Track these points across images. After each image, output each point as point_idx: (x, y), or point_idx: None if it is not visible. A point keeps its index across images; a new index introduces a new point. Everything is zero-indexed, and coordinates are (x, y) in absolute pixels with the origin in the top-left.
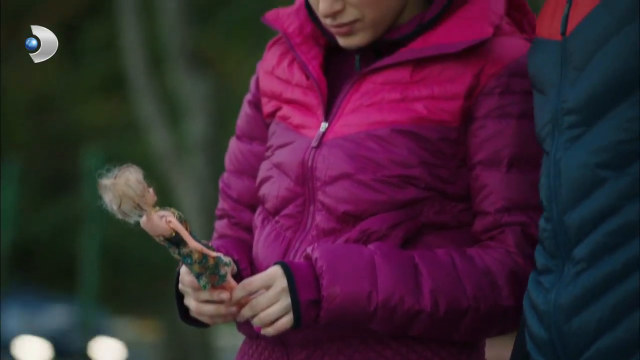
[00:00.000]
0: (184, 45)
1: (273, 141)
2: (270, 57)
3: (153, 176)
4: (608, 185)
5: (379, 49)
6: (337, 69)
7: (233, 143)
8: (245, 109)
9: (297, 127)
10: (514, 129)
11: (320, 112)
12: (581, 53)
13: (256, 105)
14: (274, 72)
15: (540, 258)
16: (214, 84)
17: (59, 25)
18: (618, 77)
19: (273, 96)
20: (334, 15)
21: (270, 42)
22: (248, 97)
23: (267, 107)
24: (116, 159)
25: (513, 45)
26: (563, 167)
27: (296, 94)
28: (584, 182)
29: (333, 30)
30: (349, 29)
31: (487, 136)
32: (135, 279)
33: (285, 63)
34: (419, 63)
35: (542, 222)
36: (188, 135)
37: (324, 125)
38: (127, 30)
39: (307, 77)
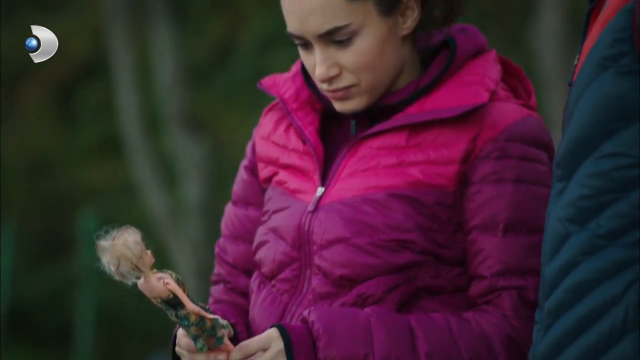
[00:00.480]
0: (181, 108)
1: (269, 206)
2: (266, 123)
3: (149, 239)
4: (571, 241)
5: (375, 114)
6: (333, 133)
7: (229, 208)
8: (241, 175)
9: (293, 192)
10: (510, 194)
11: (316, 176)
12: (571, 106)
13: (252, 170)
14: (271, 138)
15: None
16: (211, 147)
17: (55, 87)
18: (584, 132)
19: (269, 161)
20: (330, 80)
21: (266, 108)
22: (244, 162)
23: (264, 172)
24: (112, 222)
25: (509, 111)
26: (548, 221)
27: (293, 159)
28: (557, 236)
29: (329, 95)
30: (345, 93)
31: (483, 201)
32: (131, 343)
33: (281, 128)
34: (415, 128)
35: None
36: (184, 198)
37: (320, 190)
38: (123, 92)
39: (304, 142)
